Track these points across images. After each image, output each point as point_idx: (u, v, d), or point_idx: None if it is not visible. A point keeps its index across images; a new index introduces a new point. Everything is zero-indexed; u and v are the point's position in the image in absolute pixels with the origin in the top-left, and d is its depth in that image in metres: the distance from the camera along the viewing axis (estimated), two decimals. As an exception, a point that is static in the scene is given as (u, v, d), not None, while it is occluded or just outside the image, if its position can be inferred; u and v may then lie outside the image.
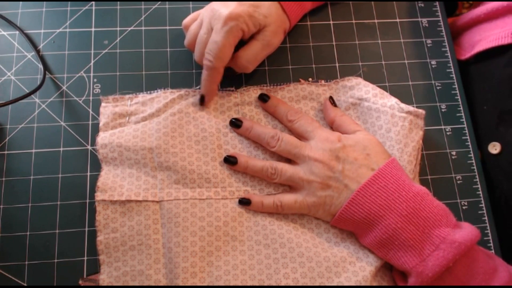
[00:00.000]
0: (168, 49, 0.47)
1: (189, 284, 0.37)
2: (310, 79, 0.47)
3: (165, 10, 0.49)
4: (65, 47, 0.46)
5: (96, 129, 0.44)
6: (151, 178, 0.41)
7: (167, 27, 0.48)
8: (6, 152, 0.42)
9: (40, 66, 0.45)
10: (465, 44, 0.51)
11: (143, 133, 0.42)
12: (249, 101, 0.45)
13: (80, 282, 0.39)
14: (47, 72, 0.45)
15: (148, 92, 0.45)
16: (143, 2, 0.49)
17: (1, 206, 0.41)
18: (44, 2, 0.48)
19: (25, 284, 0.39)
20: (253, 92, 0.45)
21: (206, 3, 0.49)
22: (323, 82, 0.46)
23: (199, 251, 0.38)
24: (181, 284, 0.37)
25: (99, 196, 0.40)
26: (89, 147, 0.43)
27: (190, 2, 0.49)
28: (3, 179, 0.42)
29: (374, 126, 0.43)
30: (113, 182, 0.40)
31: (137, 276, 0.38)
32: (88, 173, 0.42)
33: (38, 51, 0.46)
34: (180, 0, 0.49)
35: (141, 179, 0.41)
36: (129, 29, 0.48)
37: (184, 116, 0.42)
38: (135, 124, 0.43)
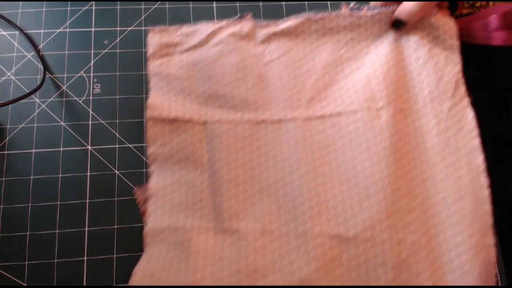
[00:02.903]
0: (168, 49, 0.47)
1: (232, 193, 0.39)
2: (352, 3, 0.45)
3: (165, 10, 0.49)
4: (65, 47, 0.46)
5: (96, 129, 0.44)
6: (196, 104, 0.43)
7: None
8: (6, 152, 0.42)
9: (40, 66, 0.45)
10: None
11: (188, 63, 0.44)
12: (288, 31, 0.45)
13: (135, 190, 0.40)
14: (47, 72, 0.45)
15: (192, 24, 0.45)
16: (143, 2, 0.49)
17: (1, 206, 0.41)
18: (44, 2, 0.48)
19: (25, 284, 0.39)
20: (293, 22, 0.44)
21: (206, 3, 0.49)
22: (365, 10, 0.44)
23: (241, 166, 0.40)
24: (225, 193, 0.39)
25: (149, 112, 0.41)
26: (89, 147, 0.43)
27: (190, 2, 0.49)
28: (3, 179, 0.42)
29: (411, 57, 0.43)
30: (161, 103, 0.42)
31: (183, 185, 0.40)
32: (88, 173, 0.42)
33: (38, 51, 0.46)
34: (180, 0, 0.49)
35: (186, 104, 0.42)
36: (129, 29, 0.48)
37: (225, 46, 0.44)
38: (180, 54, 0.44)
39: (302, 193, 0.39)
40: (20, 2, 0.47)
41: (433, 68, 0.43)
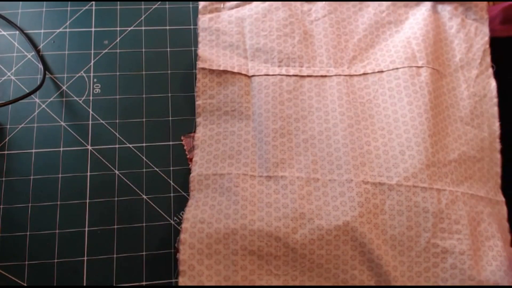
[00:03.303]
0: (168, 49, 0.47)
1: (277, 143, 0.41)
2: None
3: (165, 10, 0.49)
4: (65, 47, 0.46)
5: (96, 129, 0.44)
6: (243, 58, 0.45)
7: (167, 27, 0.48)
8: (6, 152, 0.42)
9: (40, 66, 0.45)
10: None
11: (237, 18, 0.46)
12: None
13: (182, 138, 0.43)
14: (47, 72, 0.45)
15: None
16: (143, 2, 0.49)
17: (1, 206, 0.41)
18: (44, 2, 0.48)
19: (25, 284, 0.39)
20: None
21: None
22: None
23: (286, 117, 0.42)
24: (270, 142, 0.41)
25: (200, 64, 0.44)
26: (89, 147, 0.43)
27: (190, 2, 0.49)
28: (3, 179, 0.42)
29: (446, 25, 0.47)
30: (210, 56, 0.44)
31: (228, 135, 0.42)
32: (88, 173, 0.42)
33: (38, 51, 0.46)
34: (180, 0, 0.49)
35: (234, 58, 0.45)
36: (129, 29, 0.48)
37: (273, 3, 0.46)
38: (229, 10, 0.47)
39: (345, 144, 0.41)
40: (20, 2, 0.47)
41: (464, 37, 0.46)
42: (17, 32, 0.46)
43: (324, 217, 0.38)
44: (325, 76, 0.44)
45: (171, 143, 0.44)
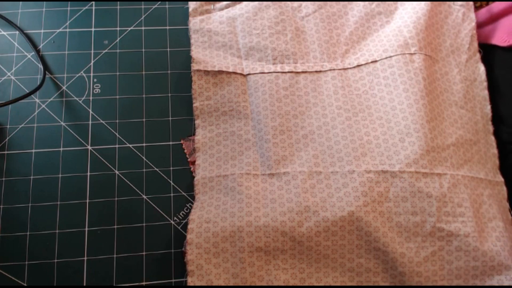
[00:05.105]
0: (168, 49, 0.47)
1: (278, 140, 0.41)
2: None
3: (165, 10, 0.49)
4: (65, 47, 0.46)
5: (96, 129, 0.44)
6: (237, 57, 0.45)
7: (167, 27, 0.48)
8: (6, 152, 0.43)
9: (40, 66, 0.45)
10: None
11: (228, 18, 0.46)
12: None
13: (182, 141, 0.43)
14: (47, 72, 0.45)
15: None
16: (143, 2, 0.49)
17: (1, 206, 0.41)
18: (44, 2, 0.48)
19: (25, 284, 0.39)
20: None
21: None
22: None
23: (285, 114, 0.43)
24: (271, 140, 0.41)
25: (194, 66, 0.44)
26: (89, 147, 0.43)
27: (190, 3, 0.49)
28: (3, 179, 0.42)
29: (435, 11, 0.47)
30: (204, 58, 0.44)
31: (229, 136, 0.43)
32: (88, 173, 0.42)
33: (38, 51, 0.46)
34: (180, 0, 0.49)
35: (228, 58, 0.45)
36: (129, 29, 0.48)
37: (263, 2, 0.47)
38: (220, 11, 0.47)
39: (345, 137, 0.41)
40: (20, 2, 0.47)
41: (451, 23, 0.47)
42: (17, 32, 0.46)
43: (329, 208, 0.38)
44: (320, 71, 0.45)
45: (171, 143, 0.44)
